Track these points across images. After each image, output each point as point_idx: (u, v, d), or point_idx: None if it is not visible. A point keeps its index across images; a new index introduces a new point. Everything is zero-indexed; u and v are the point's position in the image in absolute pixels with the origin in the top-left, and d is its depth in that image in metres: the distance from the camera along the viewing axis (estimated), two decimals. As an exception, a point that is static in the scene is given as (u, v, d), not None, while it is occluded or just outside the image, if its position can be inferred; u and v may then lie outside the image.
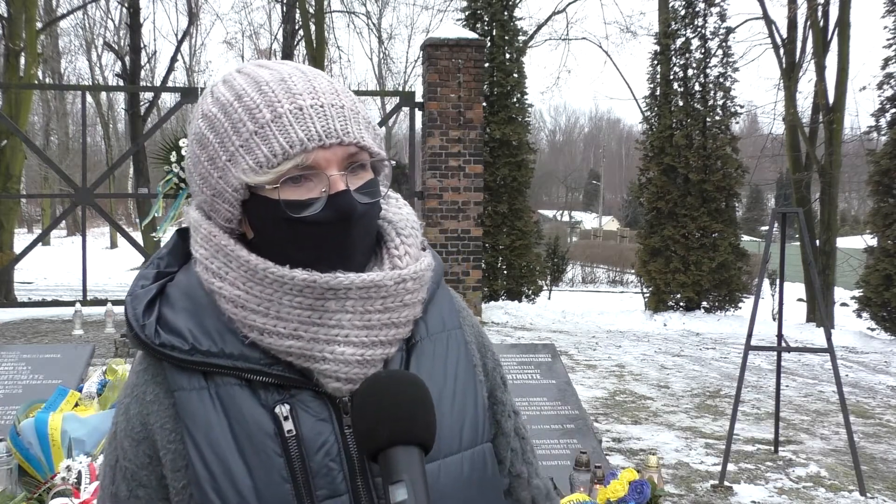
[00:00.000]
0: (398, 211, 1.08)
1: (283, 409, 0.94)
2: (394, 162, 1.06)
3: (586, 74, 42.16)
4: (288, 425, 0.94)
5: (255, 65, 1.02)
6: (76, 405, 3.23)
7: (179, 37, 27.90)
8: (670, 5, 13.80)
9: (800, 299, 15.26)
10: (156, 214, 8.42)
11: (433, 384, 0.99)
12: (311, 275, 0.94)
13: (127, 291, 1.03)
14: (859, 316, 11.89)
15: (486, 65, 13.00)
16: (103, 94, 32.53)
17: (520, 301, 13.61)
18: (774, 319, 6.81)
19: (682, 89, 13.38)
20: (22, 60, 14.06)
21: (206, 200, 1.00)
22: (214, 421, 0.94)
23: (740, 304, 13.33)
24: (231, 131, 0.96)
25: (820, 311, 8.20)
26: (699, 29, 13.38)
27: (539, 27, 21.73)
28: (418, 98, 12.20)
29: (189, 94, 11.95)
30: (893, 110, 11.89)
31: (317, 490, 0.93)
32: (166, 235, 8.50)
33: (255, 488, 0.92)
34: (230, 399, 0.95)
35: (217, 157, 0.97)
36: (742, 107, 14.12)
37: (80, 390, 3.55)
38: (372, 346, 0.96)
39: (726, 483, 4.96)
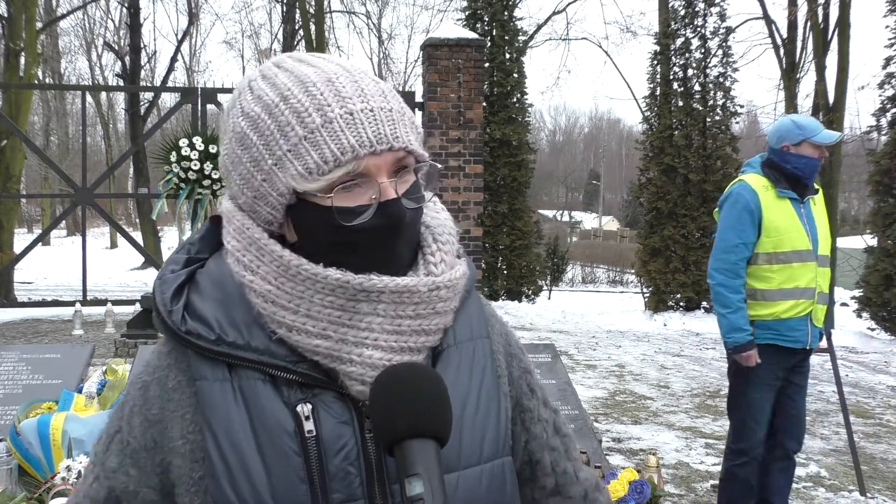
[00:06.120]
0: (436, 216, 1.06)
1: (304, 409, 0.93)
2: (440, 165, 1.04)
3: (586, 74, 42.27)
4: (309, 425, 0.92)
5: (296, 60, 0.99)
6: (76, 405, 3.24)
7: (179, 37, 27.98)
8: (670, 5, 13.81)
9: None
10: (163, 212, 8.41)
11: (457, 394, 0.98)
12: (344, 275, 0.93)
13: (157, 275, 1.01)
14: (859, 316, 11.89)
15: (486, 65, 13.01)
16: (103, 94, 32.52)
17: (520, 301, 13.61)
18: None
19: (681, 89, 13.39)
20: (22, 60, 14.07)
21: (247, 202, 0.98)
22: (235, 414, 0.93)
23: (740, 304, 13.31)
24: (278, 134, 0.93)
25: (820, 311, 8.17)
26: (699, 29, 13.38)
27: (539, 27, 21.76)
28: (418, 98, 12.19)
29: (189, 94, 11.94)
30: (894, 110, 11.89)
31: (333, 493, 0.92)
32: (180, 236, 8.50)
33: (270, 486, 0.91)
34: (252, 393, 0.93)
35: (262, 160, 0.94)
36: (742, 107, 14.15)
37: (80, 390, 3.55)
38: (400, 351, 0.95)
39: (726, 483, 4.96)
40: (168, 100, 30.99)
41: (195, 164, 7.92)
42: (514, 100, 13.65)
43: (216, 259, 1.02)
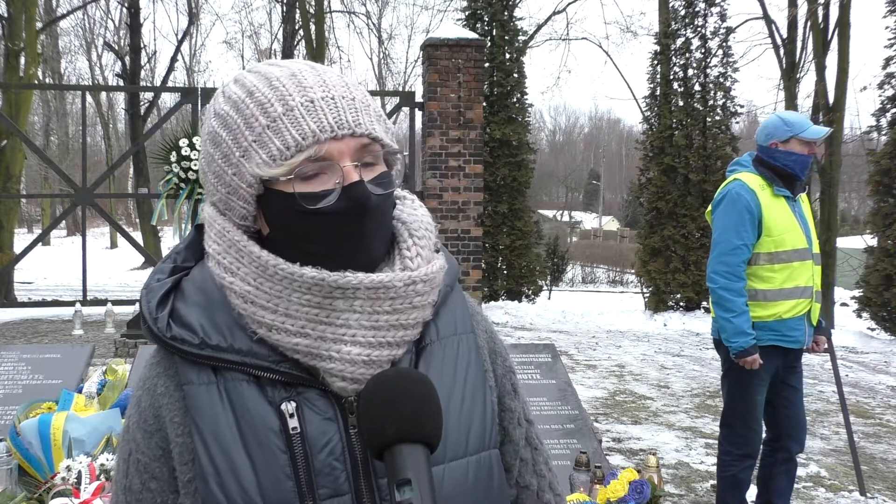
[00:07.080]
0: (412, 212, 1.07)
1: (288, 407, 0.94)
2: (406, 153, 1.05)
3: (586, 74, 42.30)
4: (293, 423, 0.94)
5: (267, 63, 1.02)
6: (76, 405, 3.23)
7: (179, 37, 27.97)
8: (670, 5, 13.80)
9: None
10: (163, 217, 8.42)
11: (442, 388, 0.98)
12: (320, 273, 0.94)
13: (143, 284, 1.03)
14: (859, 316, 11.88)
15: (486, 65, 12.99)
16: (103, 94, 32.51)
17: (520, 301, 13.60)
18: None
19: (682, 89, 13.38)
20: (22, 60, 14.06)
21: (222, 199, 1.00)
22: (221, 416, 0.94)
23: (740, 304, 13.29)
24: (244, 127, 0.96)
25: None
26: (699, 29, 13.37)
27: (539, 27, 21.72)
28: (418, 98, 12.19)
29: (189, 94, 11.94)
30: (894, 110, 11.88)
31: (319, 489, 0.93)
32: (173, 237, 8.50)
33: (258, 484, 0.92)
34: (237, 394, 0.95)
35: (231, 154, 0.97)
36: (742, 107, 14.13)
37: (80, 390, 3.55)
38: (379, 346, 0.96)
39: (726, 483, 4.96)
40: (168, 100, 30.98)
41: (195, 164, 7.92)
42: (514, 100, 13.64)
43: (201, 266, 1.04)
